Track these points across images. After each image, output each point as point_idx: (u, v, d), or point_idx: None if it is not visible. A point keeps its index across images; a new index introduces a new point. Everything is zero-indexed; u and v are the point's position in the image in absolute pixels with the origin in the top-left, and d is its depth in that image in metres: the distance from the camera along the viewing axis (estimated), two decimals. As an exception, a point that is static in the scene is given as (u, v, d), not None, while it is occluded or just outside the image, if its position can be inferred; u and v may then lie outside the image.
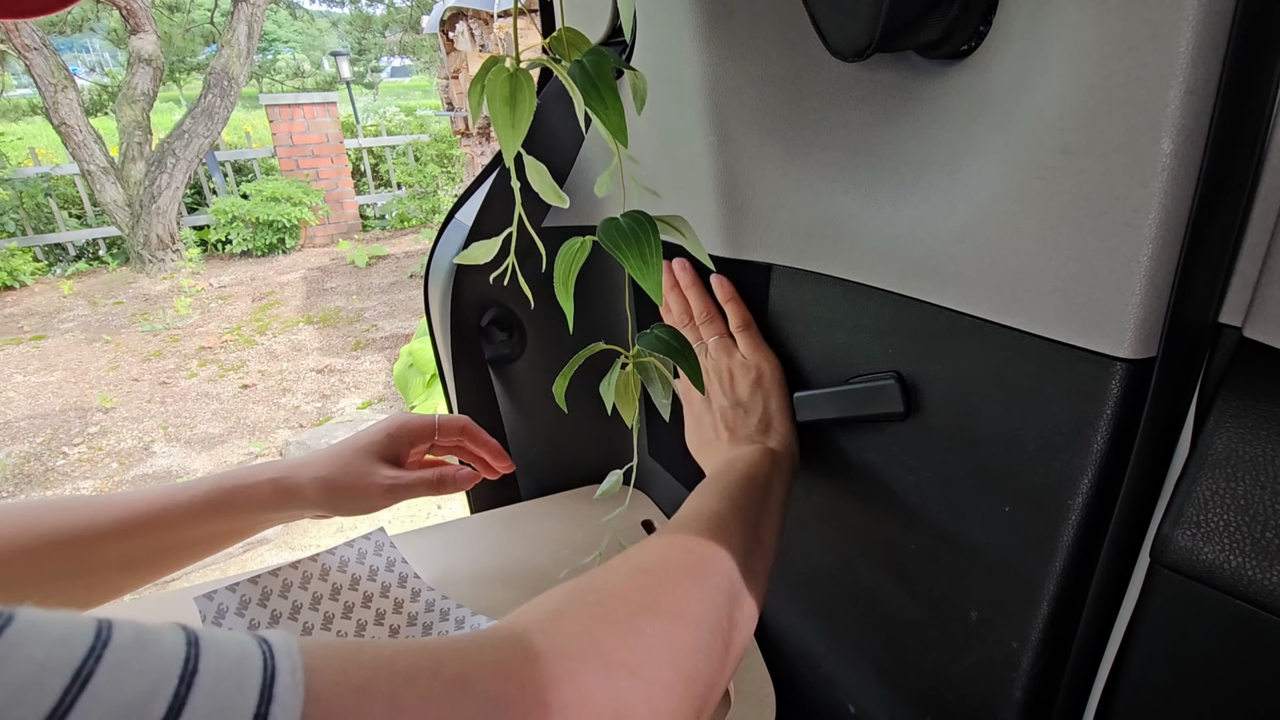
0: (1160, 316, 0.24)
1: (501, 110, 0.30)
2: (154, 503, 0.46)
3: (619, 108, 0.31)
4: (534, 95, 0.31)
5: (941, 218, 0.30)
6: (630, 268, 0.32)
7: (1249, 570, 0.23)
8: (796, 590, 0.50)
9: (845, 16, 0.30)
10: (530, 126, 0.31)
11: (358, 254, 5.16)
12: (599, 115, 0.31)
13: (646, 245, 0.33)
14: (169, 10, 9.40)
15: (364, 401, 3.13)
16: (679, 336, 0.41)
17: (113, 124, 5.13)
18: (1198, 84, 0.21)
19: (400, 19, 12.34)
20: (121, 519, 0.45)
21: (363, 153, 6.20)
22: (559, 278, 0.35)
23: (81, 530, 0.44)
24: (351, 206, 6.02)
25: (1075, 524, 0.27)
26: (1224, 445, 0.24)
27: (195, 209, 5.65)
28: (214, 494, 0.47)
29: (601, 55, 0.31)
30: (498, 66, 0.30)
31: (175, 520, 0.46)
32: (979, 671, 0.34)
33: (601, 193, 0.36)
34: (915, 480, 0.36)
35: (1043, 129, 0.25)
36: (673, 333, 0.41)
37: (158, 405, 3.23)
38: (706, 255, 0.37)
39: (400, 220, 6.20)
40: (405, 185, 6.28)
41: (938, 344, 0.32)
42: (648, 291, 0.32)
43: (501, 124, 0.30)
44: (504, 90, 0.30)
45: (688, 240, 0.37)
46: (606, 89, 0.30)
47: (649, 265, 0.32)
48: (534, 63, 0.32)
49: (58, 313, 4.47)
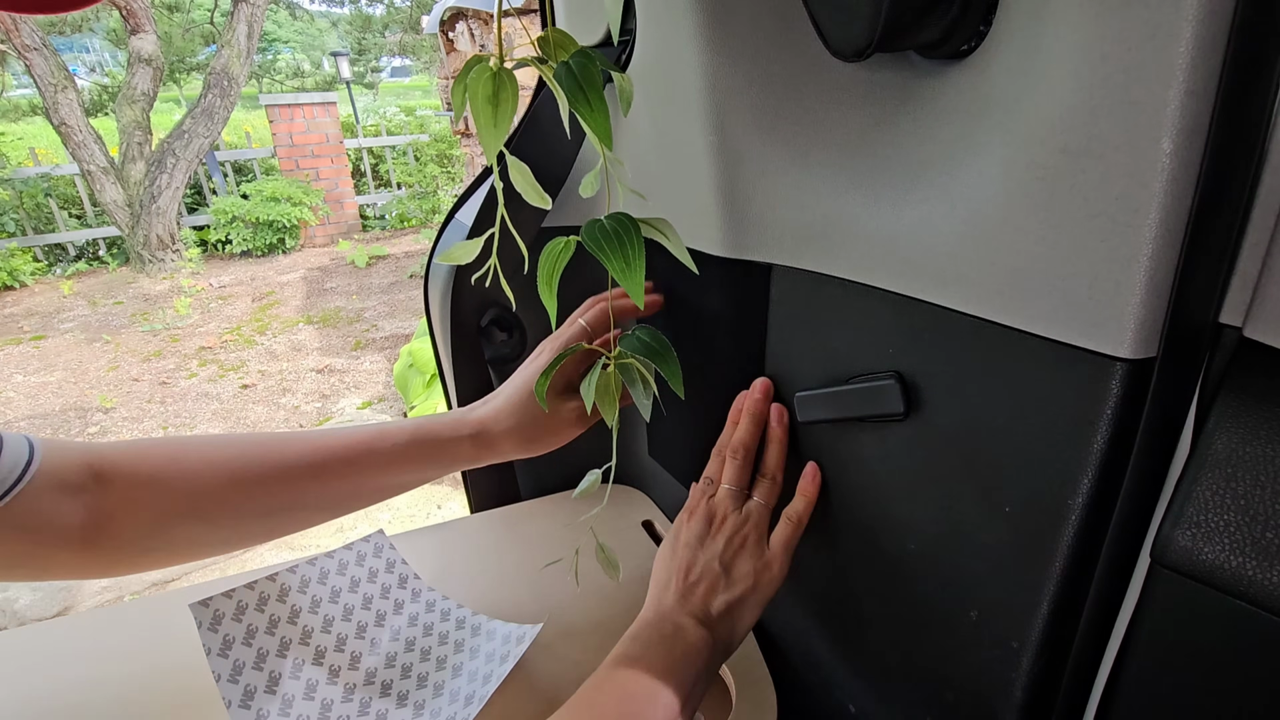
0: (1160, 316, 0.24)
1: (484, 110, 0.30)
2: (353, 447, 0.48)
3: (605, 111, 0.31)
4: (516, 94, 0.30)
5: (941, 218, 0.30)
6: (613, 269, 0.32)
7: (1249, 570, 0.23)
8: (797, 590, 0.50)
9: (845, 17, 0.30)
10: (530, 126, 0.31)
11: (358, 254, 5.17)
12: (584, 118, 0.30)
13: (630, 247, 0.33)
14: (169, 10, 9.40)
15: (364, 401, 3.13)
16: (659, 338, 0.41)
17: (113, 124, 5.13)
18: (1197, 84, 0.21)
19: (400, 19, 12.35)
20: (322, 461, 0.46)
21: (363, 153, 6.20)
22: (542, 277, 0.35)
23: (287, 468, 0.46)
24: (351, 206, 6.02)
25: (1075, 524, 0.27)
26: (1224, 445, 0.24)
27: (195, 209, 5.65)
28: (414, 445, 0.49)
29: (588, 57, 0.31)
30: (480, 65, 0.30)
31: (373, 466, 0.48)
32: (979, 671, 0.34)
33: (587, 194, 0.36)
34: (915, 480, 0.36)
35: (1043, 129, 0.25)
36: (653, 334, 0.41)
37: (158, 405, 3.23)
38: (689, 257, 0.37)
39: (400, 220, 6.20)
40: (405, 185, 6.28)
41: (938, 344, 0.32)
42: (629, 293, 0.32)
43: (484, 123, 0.30)
44: (486, 89, 0.29)
45: (671, 242, 0.37)
46: (593, 92, 0.30)
47: (631, 267, 0.32)
48: (520, 62, 0.32)
49: (58, 313, 4.47)
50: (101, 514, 0.40)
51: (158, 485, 0.43)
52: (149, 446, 0.44)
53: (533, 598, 0.59)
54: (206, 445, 0.45)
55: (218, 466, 0.44)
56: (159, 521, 0.43)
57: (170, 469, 0.43)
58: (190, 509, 0.43)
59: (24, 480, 0.37)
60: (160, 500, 0.43)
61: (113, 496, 0.41)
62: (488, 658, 0.51)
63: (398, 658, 0.51)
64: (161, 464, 0.43)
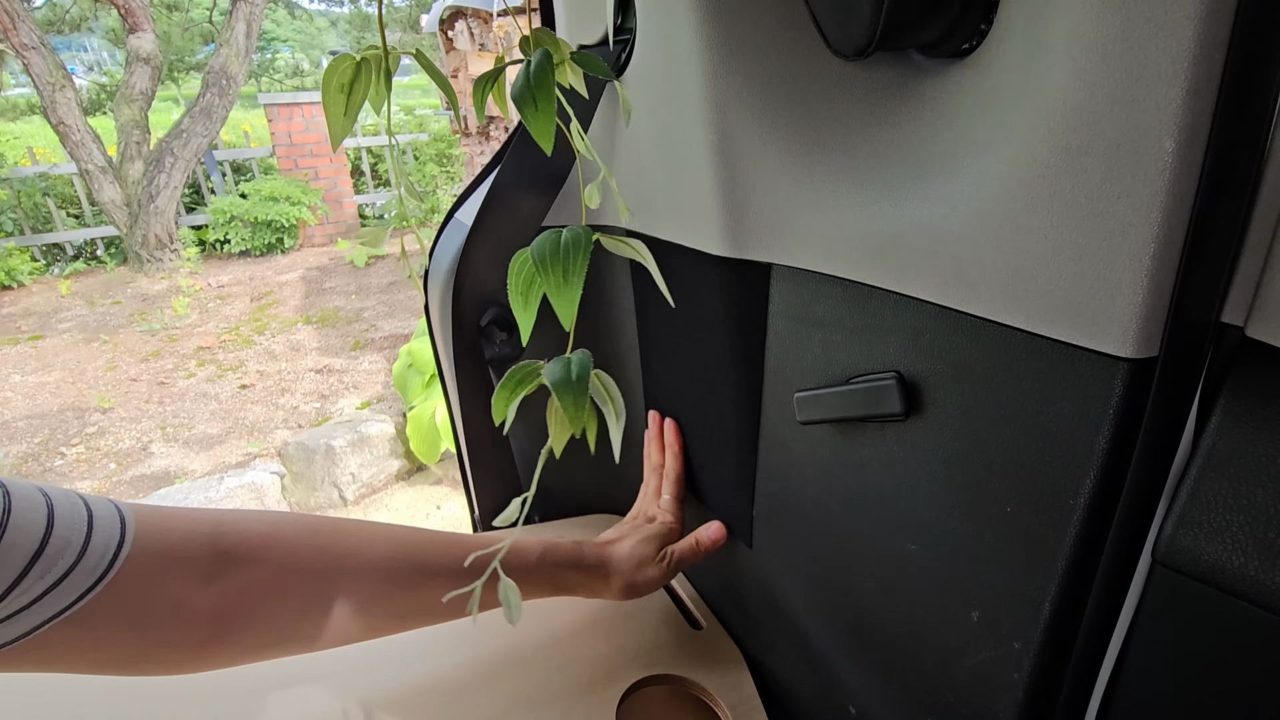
0: (1162, 316, 0.24)
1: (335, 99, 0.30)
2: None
3: (550, 112, 0.30)
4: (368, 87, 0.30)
5: (942, 217, 0.30)
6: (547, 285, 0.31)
7: (1251, 570, 0.23)
8: (796, 591, 0.50)
9: (846, 15, 0.29)
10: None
11: (357, 254, 5.16)
12: (528, 118, 0.30)
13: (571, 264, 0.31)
14: (167, 9, 9.39)
15: (363, 401, 3.12)
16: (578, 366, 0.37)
17: (111, 123, 5.12)
18: (1199, 82, 0.20)
19: (399, 18, 12.34)
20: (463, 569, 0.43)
21: (362, 152, 6.19)
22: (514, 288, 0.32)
23: (435, 573, 0.43)
24: (350, 206, 6.01)
25: (1077, 524, 0.27)
26: (1226, 445, 0.24)
27: (193, 208, 5.63)
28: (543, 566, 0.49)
29: (545, 58, 0.31)
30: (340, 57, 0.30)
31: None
32: (980, 672, 0.34)
33: (592, 204, 0.36)
34: (915, 480, 0.36)
35: (1044, 128, 0.25)
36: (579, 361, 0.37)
37: (156, 405, 3.22)
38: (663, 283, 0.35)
39: (399, 220, 6.19)
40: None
41: (938, 344, 0.32)
42: (558, 313, 0.31)
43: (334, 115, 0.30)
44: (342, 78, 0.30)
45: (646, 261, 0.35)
46: (541, 92, 0.30)
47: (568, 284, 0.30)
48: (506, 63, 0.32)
49: (55, 312, 4.46)
50: (233, 603, 0.35)
51: (306, 576, 0.39)
52: (286, 527, 0.40)
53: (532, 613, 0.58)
54: (355, 536, 0.42)
55: (373, 563, 0.41)
56: (303, 615, 0.39)
57: (319, 560, 0.40)
58: (339, 605, 0.40)
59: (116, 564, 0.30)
60: (308, 593, 0.39)
61: (248, 583, 0.36)
62: None
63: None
64: (309, 554, 0.39)
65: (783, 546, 0.50)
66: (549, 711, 0.50)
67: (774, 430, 0.48)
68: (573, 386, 0.33)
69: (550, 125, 0.30)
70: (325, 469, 2.49)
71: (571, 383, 0.33)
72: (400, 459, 2.68)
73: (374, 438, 2.60)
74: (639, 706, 0.53)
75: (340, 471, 2.50)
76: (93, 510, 0.31)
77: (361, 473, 2.56)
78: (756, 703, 0.52)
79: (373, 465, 2.60)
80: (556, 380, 0.33)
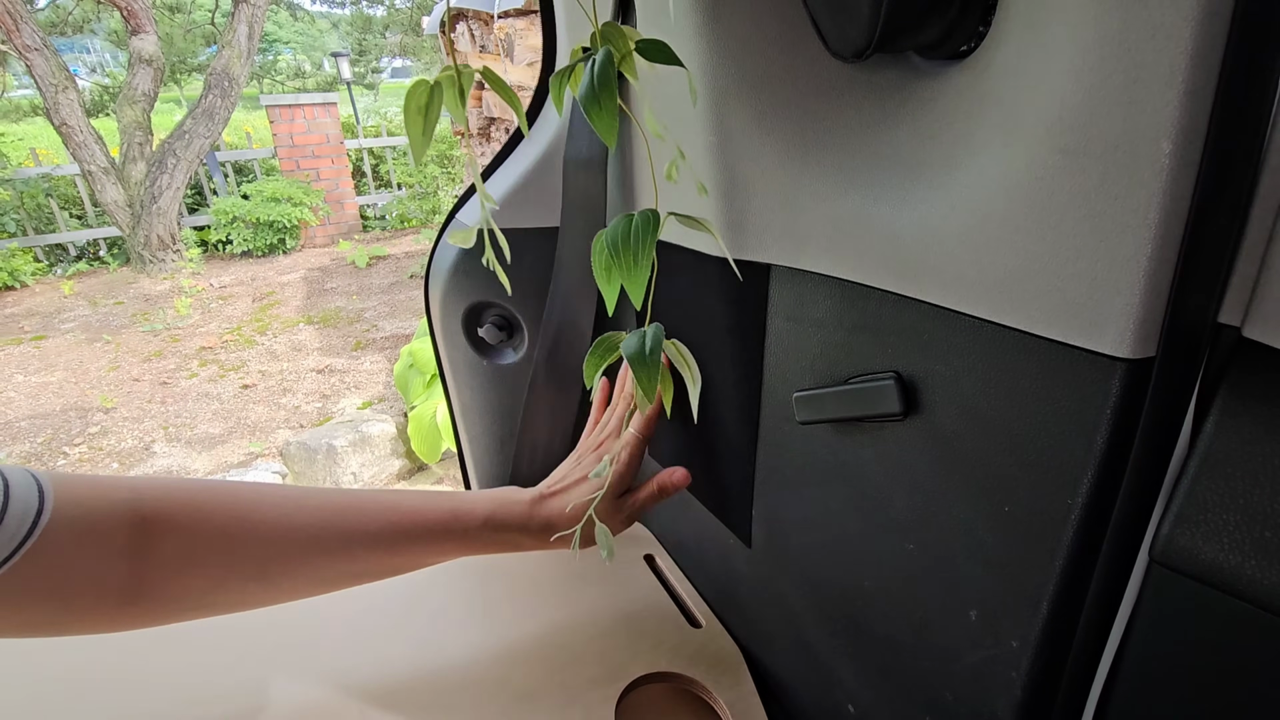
0: (1159, 316, 0.24)
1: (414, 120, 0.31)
2: (432, 527, 0.46)
3: (613, 108, 0.31)
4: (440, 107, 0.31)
5: (941, 218, 0.30)
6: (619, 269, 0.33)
7: (1249, 570, 0.23)
8: (795, 590, 0.50)
9: (844, 17, 0.30)
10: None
11: (358, 254, 5.17)
12: (591, 115, 0.31)
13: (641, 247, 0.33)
14: (170, 11, 9.41)
15: (364, 401, 3.13)
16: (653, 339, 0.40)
17: (113, 124, 5.13)
18: (1197, 84, 0.21)
19: (400, 20, 12.35)
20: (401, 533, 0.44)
21: (363, 153, 6.20)
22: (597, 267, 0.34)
23: (365, 539, 0.43)
24: (352, 207, 6.02)
25: (1075, 523, 0.27)
26: (1223, 445, 0.24)
27: (196, 209, 5.65)
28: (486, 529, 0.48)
29: (608, 57, 0.31)
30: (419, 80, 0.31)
31: (445, 547, 0.47)
32: (979, 671, 0.34)
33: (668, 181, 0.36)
34: (914, 480, 0.36)
35: (1042, 129, 0.25)
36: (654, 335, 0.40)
37: (158, 405, 3.23)
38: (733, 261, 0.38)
39: (400, 221, 6.20)
40: (405, 186, 6.28)
41: (937, 344, 0.33)
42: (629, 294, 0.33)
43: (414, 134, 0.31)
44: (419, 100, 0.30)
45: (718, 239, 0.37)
46: (604, 90, 0.31)
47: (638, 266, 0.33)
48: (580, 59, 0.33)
49: (58, 313, 4.47)
50: (151, 572, 0.35)
51: (223, 546, 0.38)
52: (205, 496, 0.39)
53: (527, 601, 0.58)
54: (276, 505, 0.41)
55: (294, 532, 0.41)
56: (221, 582, 0.39)
57: (238, 529, 0.39)
58: (258, 572, 0.40)
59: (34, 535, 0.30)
60: (225, 561, 0.39)
61: (165, 553, 0.36)
62: None
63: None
64: (226, 522, 0.39)
65: (781, 546, 0.50)
66: (548, 709, 0.50)
67: (773, 430, 0.48)
68: (645, 359, 0.37)
69: (613, 121, 0.31)
70: (327, 468, 2.50)
71: (645, 356, 0.37)
72: (401, 458, 2.68)
73: (375, 437, 2.61)
74: (638, 704, 0.53)
75: (342, 471, 2.51)
76: (9, 480, 0.30)
77: (363, 472, 2.57)
78: (755, 701, 0.52)
79: (374, 465, 2.61)
80: (632, 353, 0.37)
